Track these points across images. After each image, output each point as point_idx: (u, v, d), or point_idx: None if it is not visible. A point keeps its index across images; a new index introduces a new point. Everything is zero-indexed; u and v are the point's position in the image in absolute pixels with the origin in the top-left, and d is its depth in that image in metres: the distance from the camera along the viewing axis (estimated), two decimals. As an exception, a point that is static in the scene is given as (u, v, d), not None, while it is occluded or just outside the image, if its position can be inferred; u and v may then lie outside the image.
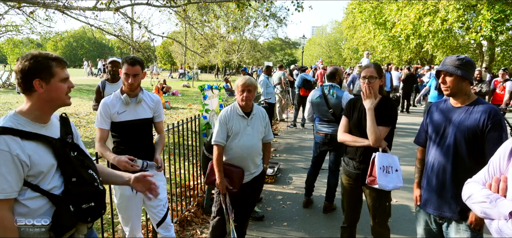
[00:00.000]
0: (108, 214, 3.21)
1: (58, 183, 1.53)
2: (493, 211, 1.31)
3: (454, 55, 2.06)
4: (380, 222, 2.71)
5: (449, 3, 15.82)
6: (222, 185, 2.80)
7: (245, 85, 2.78)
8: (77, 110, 10.78)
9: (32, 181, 1.47)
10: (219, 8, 13.84)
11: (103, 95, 3.82)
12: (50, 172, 1.51)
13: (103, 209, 1.65)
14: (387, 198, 2.68)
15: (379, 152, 2.52)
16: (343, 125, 2.79)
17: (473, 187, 1.48)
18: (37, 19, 9.76)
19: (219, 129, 2.82)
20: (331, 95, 4.03)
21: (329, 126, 4.08)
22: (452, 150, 2.03)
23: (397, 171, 2.54)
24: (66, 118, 1.73)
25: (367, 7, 22.17)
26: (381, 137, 2.54)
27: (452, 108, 2.10)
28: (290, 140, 8.34)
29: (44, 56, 1.52)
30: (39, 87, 1.50)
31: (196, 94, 17.12)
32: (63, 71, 1.57)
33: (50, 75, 1.51)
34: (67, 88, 1.59)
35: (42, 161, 1.48)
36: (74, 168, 1.56)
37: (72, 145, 1.64)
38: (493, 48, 18.41)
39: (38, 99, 1.52)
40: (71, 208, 1.50)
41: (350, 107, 2.78)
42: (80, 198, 1.53)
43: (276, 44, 53.30)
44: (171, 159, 4.34)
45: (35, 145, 1.48)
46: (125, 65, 2.50)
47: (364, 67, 2.70)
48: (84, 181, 1.56)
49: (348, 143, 2.73)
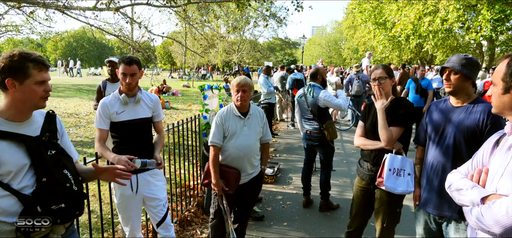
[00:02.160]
0: (108, 214, 3.21)
1: (29, 183, 1.50)
2: (469, 198, 1.34)
3: (462, 54, 2.06)
4: (388, 227, 2.63)
5: (449, 3, 15.81)
6: (217, 186, 2.79)
7: (240, 85, 2.76)
8: (77, 110, 10.78)
9: (2, 179, 1.45)
10: (219, 8, 13.84)
11: (104, 95, 3.82)
12: (22, 171, 1.49)
13: (78, 210, 1.60)
14: (398, 204, 2.61)
15: (391, 154, 2.47)
16: (359, 129, 2.77)
17: (454, 176, 1.52)
18: (37, 19, 9.78)
19: (215, 130, 2.81)
20: (309, 94, 4.15)
21: (310, 123, 4.21)
22: (451, 149, 2.03)
23: (410, 174, 2.43)
24: (52, 115, 1.70)
25: (367, 7, 22.16)
26: (394, 138, 2.47)
27: (452, 108, 2.10)
28: (290, 140, 8.34)
29: (23, 56, 1.49)
30: (12, 86, 1.48)
31: (196, 94, 17.13)
32: (40, 74, 1.52)
33: (24, 76, 1.49)
34: (43, 92, 1.55)
35: (12, 160, 1.46)
36: (46, 168, 1.52)
37: (49, 143, 1.59)
38: (493, 48, 18.41)
39: (12, 98, 1.51)
40: (39, 209, 1.46)
41: (365, 112, 2.76)
42: (50, 198, 1.49)
43: (276, 44, 53.28)
44: (171, 159, 4.33)
45: (6, 144, 1.47)
46: (122, 65, 2.49)
47: (373, 69, 2.67)
48: (55, 182, 1.52)
49: (362, 146, 2.70)
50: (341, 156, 6.81)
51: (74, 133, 7.68)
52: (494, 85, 1.39)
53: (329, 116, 4.22)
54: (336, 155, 6.59)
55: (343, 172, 5.89)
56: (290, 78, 8.78)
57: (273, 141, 7.97)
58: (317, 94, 4.08)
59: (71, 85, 20.11)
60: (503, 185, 1.26)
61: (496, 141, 1.45)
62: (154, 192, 2.66)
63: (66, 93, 15.47)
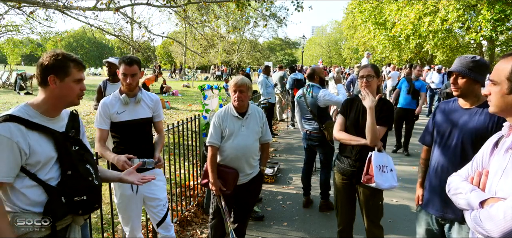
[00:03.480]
0: (108, 214, 3.21)
1: (55, 175, 1.60)
2: (468, 201, 1.32)
3: (469, 56, 2.01)
4: (373, 221, 2.73)
5: (449, 3, 15.83)
6: (215, 186, 2.79)
7: (237, 86, 2.75)
8: (77, 110, 10.79)
9: (31, 169, 1.54)
10: (219, 8, 13.83)
11: (104, 95, 3.82)
12: (49, 163, 1.58)
13: (97, 203, 1.71)
14: (380, 197, 2.71)
15: (375, 151, 2.55)
16: (339, 123, 2.80)
17: (455, 179, 1.50)
18: (37, 19, 9.77)
19: (213, 130, 2.81)
20: (308, 95, 4.17)
21: (310, 123, 4.23)
22: (458, 152, 2.00)
23: (392, 170, 2.57)
24: (76, 114, 1.82)
25: (367, 7, 22.18)
26: (379, 137, 2.56)
27: (460, 110, 2.06)
28: (290, 140, 8.34)
29: (65, 56, 1.64)
30: (53, 83, 1.60)
31: (196, 94, 17.13)
32: (79, 73, 1.67)
33: (65, 74, 1.62)
34: (79, 90, 1.69)
35: (43, 151, 1.56)
36: (71, 162, 1.62)
37: (74, 139, 1.70)
38: (493, 48, 18.42)
39: (50, 94, 1.62)
40: (63, 199, 1.56)
41: (347, 106, 2.80)
42: (73, 190, 1.59)
43: (276, 44, 53.31)
44: (171, 159, 4.34)
45: (39, 136, 1.57)
46: (123, 66, 2.49)
47: (362, 67, 2.73)
48: (79, 175, 1.62)
49: (343, 141, 2.74)
50: (341, 156, 6.80)
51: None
52: (495, 84, 1.34)
53: (329, 117, 4.23)
54: (336, 155, 6.60)
55: (343, 172, 5.88)
56: (290, 78, 8.79)
57: (273, 141, 7.97)
58: (317, 94, 4.09)
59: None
60: (501, 188, 1.25)
61: (495, 142, 1.43)
62: (154, 192, 2.66)
63: (66, 93, 15.44)
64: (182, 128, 3.87)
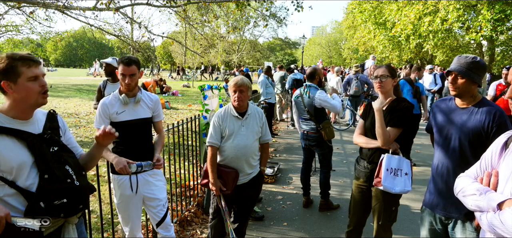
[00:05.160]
0: (108, 214, 3.21)
1: (35, 180, 1.53)
2: (483, 203, 1.31)
3: (469, 56, 2.01)
4: (383, 225, 2.65)
5: (449, 3, 15.82)
6: (215, 186, 2.79)
7: (236, 86, 2.75)
8: (77, 110, 10.77)
9: (7, 176, 1.49)
10: (219, 8, 13.84)
11: (104, 95, 3.82)
12: (25, 168, 1.51)
13: (81, 204, 1.64)
14: (394, 202, 2.63)
15: (388, 154, 2.48)
16: (359, 126, 2.79)
17: (464, 181, 1.49)
18: (37, 19, 9.80)
19: (213, 130, 2.82)
20: (305, 95, 4.17)
21: (307, 123, 4.23)
22: (457, 151, 2.02)
23: (407, 174, 2.46)
24: (53, 114, 1.75)
25: (367, 7, 22.18)
26: (391, 139, 2.48)
27: (456, 109, 2.07)
28: (290, 140, 8.34)
29: (9, 57, 1.52)
30: (8, 88, 1.52)
31: (196, 94, 17.12)
32: (31, 70, 1.54)
33: (16, 75, 1.51)
34: (39, 87, 1.57)
35: (14, 156, 1.49)
36: (47, 165, 1.56)
37: (52, 140, 1.63)
38: (493, 48, 18.43)
39: (12, 99, 1.55)
40: (42, 205, 1.50)
41: (366, 110, 2.77)
42: (52, 194, 1.52)
43: (276, 44, 53.32)
44: (171, 159, 4.33)
45: (10, 141, 1.51)
46: (121, 66, 2.49)
47: (376, 67, 2.69)
48: (56, 178, 1.56)
49: (360, 144, 2.72)
50: (341, 156, 6.82)
51: (74, 133, 7.67)
52: None
53: (326, 117, 4.23)
54: (336, 155, 6.60)
55: (343, 172, 5.89)
56: (290, 78, 8.79)
57: (273, 141, 7.97)
58: (313, 94, 4.10)
59: (71, 85, 20.11)
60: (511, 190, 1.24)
61: (504, 143, 1.42)
62: (154, 192, 2.66)
63: (66, 93, 15.47)
64: (182, 128, 3.87)
